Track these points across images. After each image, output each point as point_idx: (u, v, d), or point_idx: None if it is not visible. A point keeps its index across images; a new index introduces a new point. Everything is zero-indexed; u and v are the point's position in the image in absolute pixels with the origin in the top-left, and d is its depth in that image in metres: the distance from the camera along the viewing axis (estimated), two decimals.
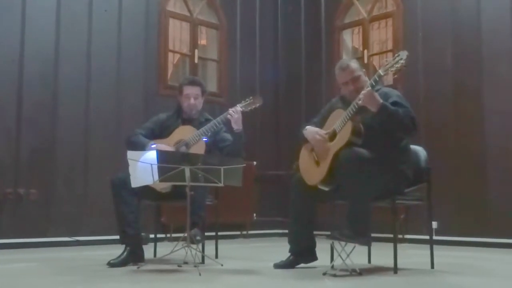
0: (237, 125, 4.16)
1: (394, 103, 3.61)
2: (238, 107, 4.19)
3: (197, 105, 4.37)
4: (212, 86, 7.31)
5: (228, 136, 4.28)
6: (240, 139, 4.20)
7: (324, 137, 3.72)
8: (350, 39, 7.49)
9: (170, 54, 6.92)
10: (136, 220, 4.03)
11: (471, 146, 5.94)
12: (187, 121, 4.35)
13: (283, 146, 7.44)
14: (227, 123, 4.21)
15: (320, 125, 3.88)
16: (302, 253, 3.87)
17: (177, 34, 7.05)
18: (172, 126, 4.32)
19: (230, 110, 4.17)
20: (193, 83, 4.40)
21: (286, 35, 7.90)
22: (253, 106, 4.28)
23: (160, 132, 4.33)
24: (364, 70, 3.89)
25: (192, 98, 4.33)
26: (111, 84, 6.20)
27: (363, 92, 3.51)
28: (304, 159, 3.86)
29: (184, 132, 4.21)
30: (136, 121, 5.25)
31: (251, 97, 4.31)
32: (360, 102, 3.50)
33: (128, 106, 6.25)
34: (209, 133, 4.16)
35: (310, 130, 3.81)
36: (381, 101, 3.49)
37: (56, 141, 5.79)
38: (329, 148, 3.65)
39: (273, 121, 7.70)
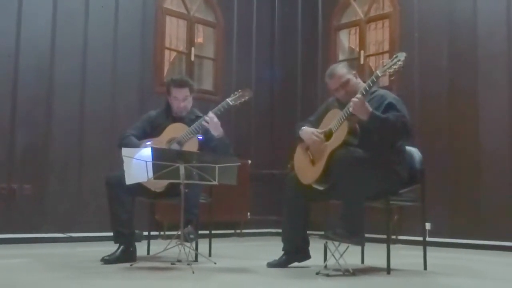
0: (217, 132, 4.11)
1: (389, 105, 3.62)
2: (211, 114, 4.10)
3: (187, 106, 4.31)
4: (208, 84, 7.31)
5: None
6: (224, 144, 4.16)
7: (321, 137, 3.72)
8: (346, 39, 7.49)
9: (167, 52, 6.91)
10: (130, 220, 4.02)
11: (465, 147, 5.95)
12: (177, 119, 4.32)
13: (278, 145, 7.43)
14: (207, 131, 4.12)
15: (316, 124, 3.88)
16: (295, 251, 3.88)
17: (174, 31, 7.04)
18: (162, 124, 4.27)
19: (206, 117, 4.08)
20: (181, 85, 4.27)
21: (283, 34, 7.90)
22: (243, 99, 4.24)
23: (151, 131, 4.29)
24: (354, 72, 3.88)
25: (181, 101, 4.26)
26: (106, 80, 6.18)
27: (353, 99, 3.52)
28: (299, 158, 3.86)
29: (175, 130, 4.19)
30: (131, 118, 5.22)
31: (239, 90, 4.27)
32: (350, 109, 3.52)
33: (124, 103, 6.23)
34: (201, 130, 4.13)
35: (306, 131, 3.81)
36: (370, 109, 3.50)
37: (51, 136, 5.78)
38: (325, 147, 3.66)
39: (268, 120, 7.70)
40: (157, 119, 4.37)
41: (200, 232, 4.10)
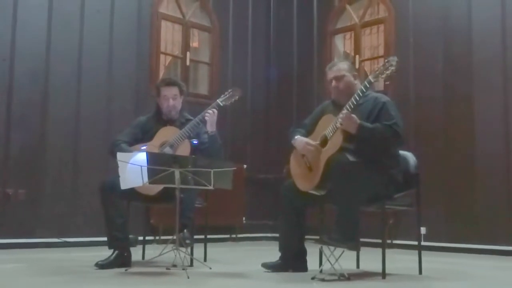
0: (211, 127, 4.15)
1: (383, 107, 3.64)
2: (215, 110, 4.16)
3: (176, 106, 4.30)
4: (203, 88, 7.32)
5: (207, 137, 4.24)
6: (215, 141, 4.18)
7: (314, 146, 3.71)
8: (341, 44, 7.51)
9: (162, 56, 6.91)
10: (124, 224, 4.01)
11: (460, 152, 5.96)
12: (168, 122, 4.32)
13: (273, 150, 7.44)
14: (204, 124, 4.18)
15: (311, 128, 3.88)
16: (292, 262, 3.86)
17: (169, 36, 7.05)
18: (153, 128, 4.27)
19: (209, 111, 4.15)
20: (170, 83, 4.33)
21: (278, 39, 7.92)
22: (233, 99, 4.26)
23: (142, 136, 4.28)
24: (355, 73, 3.89)
25: (171, 99, 4.26)
26: (102, 84, 6.17)
27: (340, 115, 3.54)
28: (296, 165, 3.85)
29: (167, 133, 4.18)
30: (127, 122, 5.19)
31: (230, 90, 4.29)
32: (339, 125, 3.54)
33: (119, 107, 6.22)
34: (192, 134, 4.13)
35: (300, 140, 3.80)
36: (358, 121, 3.52)
37: (46, 141, 5.76)
38: (321, 153, 3.65)
39: (264, 124, 7.70)
40: (147, 124, 4.36)
41: (195, 236, 4.10)
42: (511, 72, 5.72)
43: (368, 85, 3.55)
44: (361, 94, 3.56)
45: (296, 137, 3.84)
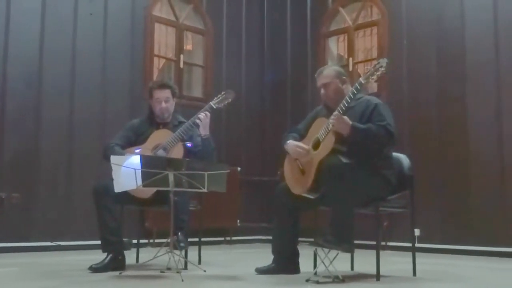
0: (205, 131, 4.16)
1: (375, 109, 3.65)
2: (208, 112, 4.17)
3: (169, 108, 4.31)
4: (197, 91, 7.31)
5: (199, 140, 4.24)
6: (208, 144, 4.18)
7: (305, 149, 3.72)
8: (335, 46, 7.53)
9: (156, 59, 6.90)
10: (118, 227, 3.99)
11: (454, 153, 5.98)
12: (161, 125, 4.32)
13: (268, 152, 7.44)
14: (197, 127, 4.18)
15: (305, 132, 3.89)
16: (285, 263, 3.86)
17: (163, 39, 7.04)
18: (147, 131, 4.27)
19: (200, 115, 4.15)
20: (162, 86, 4.34)
21: (272, 41, 7.93)
22: (226, 102, 4.28)
23: (135, 139, 4.28)
24: (344, 77, 3.88)
25: (163, 102, 4.27)
26: (96, 88, 6.16)
27: (332, 117, 3.55)
28: (289, 169, 3.85)
29: (160, 136, 4.18)
30: (121, 125, 5.18)
31: (223, 93, 4.30)
32: (331, 127, 3.54)
33: (113, 110, 6.21)
34: (186, 136, 4.14)
35: (290, 144, 3.81)
36: (350, 122, 3.52)
37: (40, 144, 5.74)
38: (314, 156, 3.66)
39: (258, 127, 7.70)
40: (140, 126, 4.36)
41: (189, 239, 4.09)
42: (503, 75, 5.75)
43: (359, 87, 3.57)
44: (352, 96, 3.57)
45: (288, 141, 3.84)
